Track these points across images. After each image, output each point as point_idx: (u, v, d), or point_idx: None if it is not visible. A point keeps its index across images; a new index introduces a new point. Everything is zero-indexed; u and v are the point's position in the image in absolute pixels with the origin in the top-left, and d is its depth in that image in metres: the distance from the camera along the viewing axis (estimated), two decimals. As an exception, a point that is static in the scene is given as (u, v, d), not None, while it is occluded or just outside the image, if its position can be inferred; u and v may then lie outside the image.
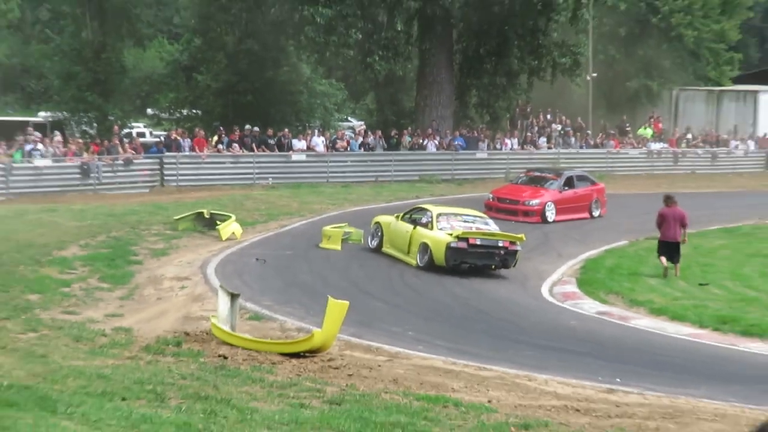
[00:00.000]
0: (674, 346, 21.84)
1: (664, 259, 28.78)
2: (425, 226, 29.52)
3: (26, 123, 51.73)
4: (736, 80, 66.58)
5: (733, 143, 58.37)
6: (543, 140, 53.95)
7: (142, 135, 53.08)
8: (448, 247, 28.28)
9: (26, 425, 11.84)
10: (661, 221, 29.12)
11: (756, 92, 63.84)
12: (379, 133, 51.33)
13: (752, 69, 72.33)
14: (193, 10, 57.89)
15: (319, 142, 49.36)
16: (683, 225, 29.04)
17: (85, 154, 44.05)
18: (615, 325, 24.03)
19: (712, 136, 59.37)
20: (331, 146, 49.67)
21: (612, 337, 22.54)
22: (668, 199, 29.68)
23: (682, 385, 17.39)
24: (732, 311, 24.47)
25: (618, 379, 17.77)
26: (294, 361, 18.40)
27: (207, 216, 34.15)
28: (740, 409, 15.17)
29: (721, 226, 37.64)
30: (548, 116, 57.36)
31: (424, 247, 28.95)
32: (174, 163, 45.05)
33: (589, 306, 25.94)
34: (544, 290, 27.79)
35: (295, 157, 47.65)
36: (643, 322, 24.17)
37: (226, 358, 18.42)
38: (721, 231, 37.05)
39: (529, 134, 54.55)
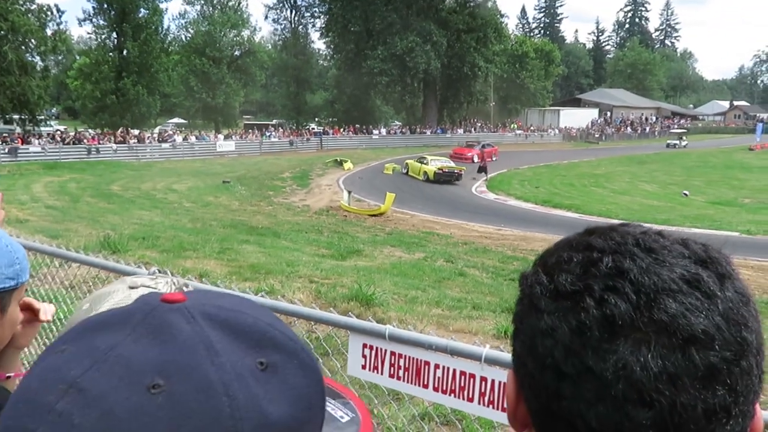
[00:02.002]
0: (524, 211, 21.38)
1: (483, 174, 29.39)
2: (426, 164, 28.93)
3: (267, 124, 52.67)
4: (551, 105, 65.61)
5: (549, 131, 57.37)
6: (472, 129, 52.85)
7: (313, 128, 52.46)
8: (435, 173, 27.87)
9: (268, 241, 11.80)
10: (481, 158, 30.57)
11: (558, 110, 63.75)
12: (408, 127, 50.73)
13: (558, 101, 71.74)
14: (333, 78, 56.22)
15: (383, 130, 49.12)
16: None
17: (291, 137, 44.04)
18: (501, 203, 23.51)
19: (541, 128, 58.39)
20: (388, 132, 49.27)
21: (499, 208, 22.07)
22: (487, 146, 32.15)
23: (523, 227, 16.99)
24: (549, 197, 24.02)
25: (502, 225, 17.43)
26: (373, 218, 18.23)
27: (338, 160, 33.65)
28: (550, 237, 14.66)
29: (543, 164, 36.79)
30: (475, 119, 56.17)
31: (425, 172, 28.41)
32: (326, 140, 44.60)
33: (491, 196, 25.35)
34: (473, 190, 27.20)
35: (374, 136, 46.99)
36: (512, 202, 23.68)
37: (346, 216, 18.31)
38: (543, 166, 36.19)
39: (468, 126, 53.47)
